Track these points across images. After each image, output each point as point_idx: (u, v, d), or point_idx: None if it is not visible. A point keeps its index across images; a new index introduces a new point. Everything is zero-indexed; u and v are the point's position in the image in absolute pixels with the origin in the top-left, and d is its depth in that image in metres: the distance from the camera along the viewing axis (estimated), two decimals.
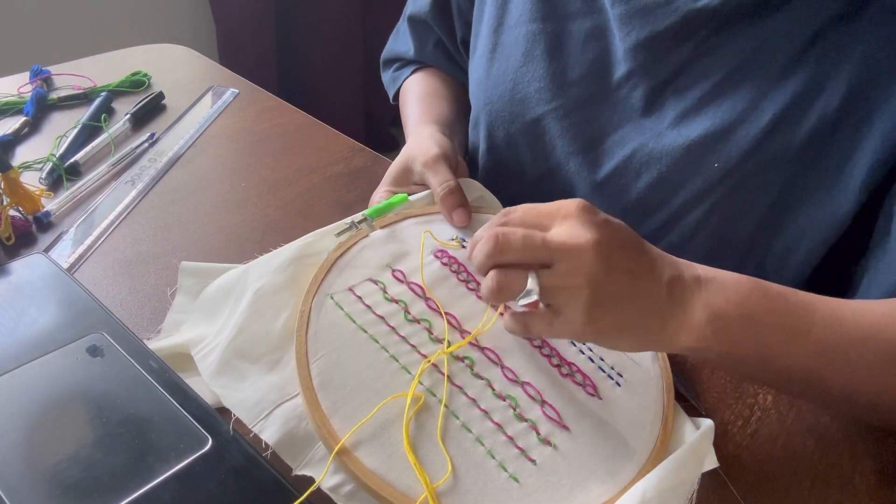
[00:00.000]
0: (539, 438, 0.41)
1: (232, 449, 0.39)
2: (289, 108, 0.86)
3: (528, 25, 0.61)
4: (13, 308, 0.48)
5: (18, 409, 0.40)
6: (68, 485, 0.36)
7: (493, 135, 0.66)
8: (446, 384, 0.42)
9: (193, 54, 1.01)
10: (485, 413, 0.42)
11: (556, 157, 0.62)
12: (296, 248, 0.49)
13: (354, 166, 0.74)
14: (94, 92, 0.84)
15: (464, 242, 0.52)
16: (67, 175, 0.69)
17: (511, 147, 0.65)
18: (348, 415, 0.40)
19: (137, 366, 0.44)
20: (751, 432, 0.47)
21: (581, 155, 0.61)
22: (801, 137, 0.51)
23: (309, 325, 0.44)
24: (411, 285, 0.48)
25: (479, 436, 0.41)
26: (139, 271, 0.56)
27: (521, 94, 0.62)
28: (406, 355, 0.44)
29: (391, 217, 0.53)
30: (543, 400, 0.43)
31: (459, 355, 0.44)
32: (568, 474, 0.40)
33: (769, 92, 0.52)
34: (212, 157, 0.74)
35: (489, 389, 0.43)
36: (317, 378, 0.41)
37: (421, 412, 0.41)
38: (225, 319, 0.46)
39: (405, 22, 0.79)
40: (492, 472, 0.39)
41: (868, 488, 0.44)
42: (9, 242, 0.58)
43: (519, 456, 0.40)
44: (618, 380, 0.46)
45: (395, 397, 0.41)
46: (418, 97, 0.75)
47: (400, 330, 0.45)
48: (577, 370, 0.46)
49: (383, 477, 0.37)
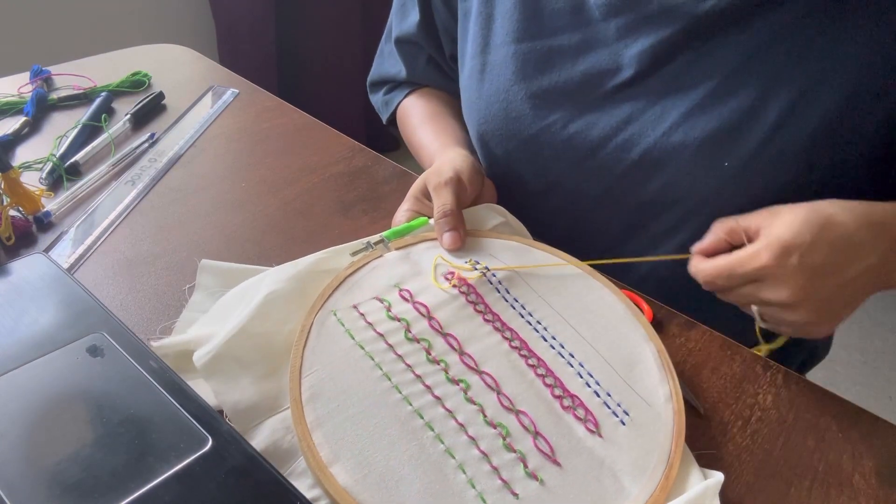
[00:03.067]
0: (526, 472, 0.40)
1: (232, 449, 0.39)
2: (289, 108, 0.87)
3: (515, 45, 0.62)
4: (13, 308, 0.48)
5: (18, 409, 0.40)
6: (68, 485, 0.36)
7: (491, 152, 0.67)
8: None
9: (193, 54, 1.01)
10: (472, 440, 0.41)
11: (559, 167, 0.63)
12: (311, 262, 0.49)
13: (354, 166, 0.74)
14: (94, 92, 0.84)
15: (477, 265, 0.51)
16: (67, 175, 0.69)
17: (511, 163, 0.65)
18: (331, 430, 0.40)
19: (137, 366, 0.44)
20: (751, 432, 0.47)
21: (586, 162, 0.61)
22: (808, 131, 0.51)
23: (308, 340, 0.44)
24: (416, 304, 0.48)
25: (461, 463, 0.39)
26: (139, 271, 0.56)
27: (516, 112, 0.62)
28: (399, 374, 0.43)
29: (408, 239, 0.53)
30: (537, 431, 0.42)
31: (455, 378, 0.43)
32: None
33: (775, 88, 0.52)
34: (212, 157, 0.74)
35: (480, 416, 0.42)
36: (306, 392, 0.41)
37: (403, 434, 0.40)
38: (232, 319, 0.46)
39: (391, 44, 0.78)
40: (469, 501, 0.38)
41: (868, 488, 0.44)
42: (9, 242, 0.58)
43: (502, 488, 0.39)
44: (623, 418, 0.43)
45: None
46: (425, 119, 0.75)
47: (398, 348, 0.44)
48: (579, 404, 0.44)
49: (355, 495, 0.37)
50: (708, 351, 0.53)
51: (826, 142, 0.52)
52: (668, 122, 0.56)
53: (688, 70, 0.55)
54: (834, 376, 1.69)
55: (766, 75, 0.52)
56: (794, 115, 0.52)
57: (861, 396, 1.64)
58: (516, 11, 0.62)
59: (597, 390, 0.45)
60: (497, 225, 0.57)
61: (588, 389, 0.45)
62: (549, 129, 0.61)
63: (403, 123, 0.79)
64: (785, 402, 0.49)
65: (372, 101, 0.86)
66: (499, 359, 0.45)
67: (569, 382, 0.45)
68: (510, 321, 0.48)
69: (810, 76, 0.51)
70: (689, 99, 0.55)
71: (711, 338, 0.54)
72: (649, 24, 0.55)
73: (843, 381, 1.68)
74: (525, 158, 0.64)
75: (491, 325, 0.47)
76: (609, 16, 0.57)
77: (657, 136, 0.56)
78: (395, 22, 0.77)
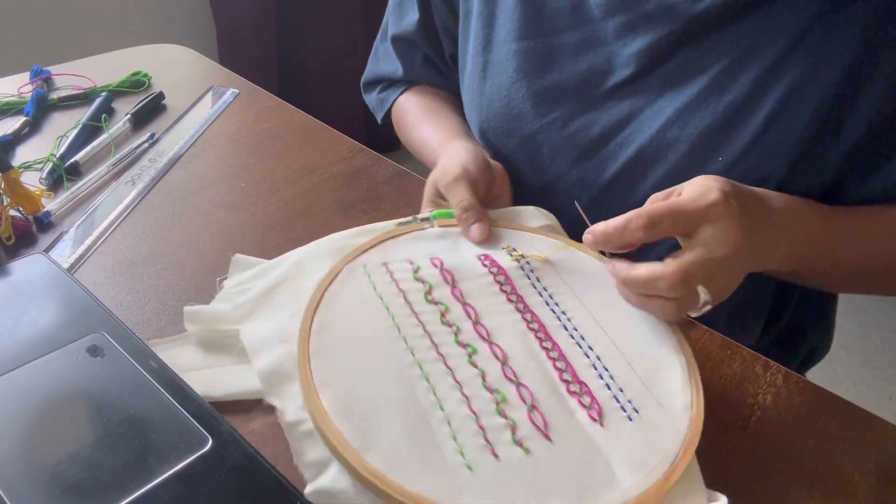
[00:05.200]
0: (512, 438, 0.39)
1: (232, 449, 0.39)
2: (289, 108, 0.87)
3: (517, 43, 0.62)
4: (13, 308, 0.48)
5: (18, 409, 0.40)
6: (68, 485, 0.36)
7: (492, 150, 0.67)
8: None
9: (193, 54, 1.01)
10: (465, 398, 0.41)
11: (557, 165, 0.63)
12: (354, 231, 0.52)
13: (354, 166, 0.74)
14: (94, 92, 0.84)
15: (513, 251, 0.52)
16: (67, 175, 0.69)
17: (511, 160, 0.66)
18: (330, 359, 0.42)
19: (137, 366, 0.44)
20: (751, 432, 0.47)
21: (585, 161, 0.62)
22: (800, 125, 0.52)
23: (333, 283, 0.47)
24: (444, 272, 0.49)
25: (448, 416, 0.39)
26: (139, 271, 0.56)
27: (517, 110, 0.63)
28: (409, 328, 0.44)
29: (452, 221, 0.54)
30: (534, 405, 0.41)
31: (463, 342, 0.44)
32: (530, 480, 0.37)
33: (767, 82, 0.53)
34: (212, 157, 0.74)
35: (480, 380, 0.42)
36: (317, 324, 0.44)
37: (398, 379, 0.41)
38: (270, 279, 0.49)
39: (388, 43, 0.78)
40: (447, 452, 0.38)
41: (868, 488, 0.44)
42: (9, 242, 0.58)
43: (484, 447, 0.38)
44: (631, 414, 0.42)
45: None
46: (423, 114, 0.75)
47: (415, 306, 0.46)
48: (586, 391, 0.43)
49: (334, 419, 0.38)
50: (708, 351, 0.53)
51: (814, 138, 0.53)
52: (664, 118, 0.57)
53: (684, 68, 0.56)
54: (834, 376, 1.69)
55: (760, 70, 0.53)
56: (786, 109, 0.52)
57: (861, 396, 1.64)
58: (517, 10, 0.62)
59: (609, 383, 0.43)
60: (542, 226, 0.57)
61: (600, 381, 0.43)
62: (549, 126, 0.62)
63: (400, 121, 0.79)
64: (785, 402, 0.49)
65: (366, 101, 0.86)
66: (513, 335, 0.45)
67: (581, 371, 0.44)
68: (534, 307, 0.48)
69: (803, 70, 0.52)
70: (684, 95, 0.56)
71: (711, 338, 0.54)
72: (647, 23, 0.56)
73: (843, 381, 1.68)
74: (525, 156, 0.65)
75: (513, 305, 0.48)
76: (608, 15, 0.58)
77: (653, 132, 0.57)
78: (392, 21, 0.77)
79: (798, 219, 0.52)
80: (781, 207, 0.52)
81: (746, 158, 0.54)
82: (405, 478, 0.36)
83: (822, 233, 0.54)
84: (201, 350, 0.47)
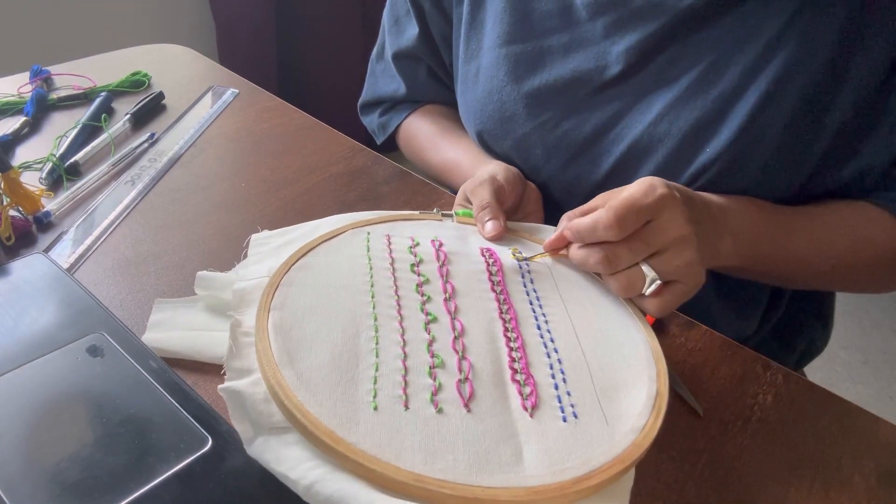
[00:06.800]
0: (430, 398, 0.39)
1: (232, 449, 0.39)
2: (289, 108, 0.87)
3: (506, 47, 0.63)
4: (13, 308, 0.48)
5: (18, 409, 0.40)
6: (68, 485, 0.36)
7: (489, 152, 0.68)
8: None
9: (193, 54, 1.01)
10: (403, 354, 0.41)
11: (552, 165, 0.64)
12: (377, 213, 0.54)
13: (354, 166, 0.74)
14: (94, 92, 0.84)
15: (519, 252, 0.52)
16: (67, 175, 0.69)
17: (507, 162, 0.66)
18: (295, 290, 0.44)
19: (137, 366, 0.44)
20: (751, 432, 0.47)
21: (578, 159, 0.63)
22: (786, 112, 0.53)
23: (332, 241, 0.49)
24: (439, 251, 0.51)
25: (379, 362, 0.40)
26: (139, 271, 0.56)
27: (510, 112, 0.64)
28: (383, 291, 0.46)
29: (470, 220, 0.56)
30: (468, 377, 0.40)
31: (427, 311, 0.45)
32: (429, 435, 0.36)
33: (754, 73, 0.54)
34: (212, 157, 0.74)
35: (426, 344, 0.42)
36: (301, 262, 0.47)
37: (348, 322, 0.43)
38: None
39: (387, 61, 0.77)
40: (361, 391, 0.38)
41: (868, 488, 0.44)
42: (9, 242, 0.58)
43: (398, 398, 0.38)
44: (568, 416, 0.39)
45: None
46: (439, 136, 0.75)
47: (397, 272, 0.48)
48: (530, 383, 0.41)
49: (270, 335, 0.40)
50: (708, 351, 0.53)
51: (799, 124, 0.54)
52: (654, 113, 0.57)
53: (673, 63, 0.57)
54: (834, 376, 1.69)
55: (747, 62, 0.54)
56: (773, 97, 0.53)
57: (861, 396, 1.64)
58: (506, 15, 0.63)
59: (558, 384, 0.42)
60: None
61: (550, 379, 0.42)
62: (541, 127, 0.63)
63: (411, 143, 0.78)
64: (785, 402, 0.49)
65: (365, 124, 0.84)
66: (479, 317, 0.46)
67: (534, 365, 0.43)
68: (515, 301, 0.48)
69: (788, 59, 0.52)
70: (674, 90, 0.57)
71: (711, 338, 0.54)
72: (635, 20, 0.57)
73: (843, 381, 1.68)
74: (520, 157, 0.65)
75: (494, 294, 0.48)
76: (596, 15, 0.58)
77: (644, 127, 0.58)
78: (391, 39, 0.76)
79: (737, 212, 0.55)
80: (720, 203, 0.54)
81: (733, 147, 0.55)
82: (309, 397, 0.37)
83: (766, 227, 0.55)
84: (205, 313, 0.50)
